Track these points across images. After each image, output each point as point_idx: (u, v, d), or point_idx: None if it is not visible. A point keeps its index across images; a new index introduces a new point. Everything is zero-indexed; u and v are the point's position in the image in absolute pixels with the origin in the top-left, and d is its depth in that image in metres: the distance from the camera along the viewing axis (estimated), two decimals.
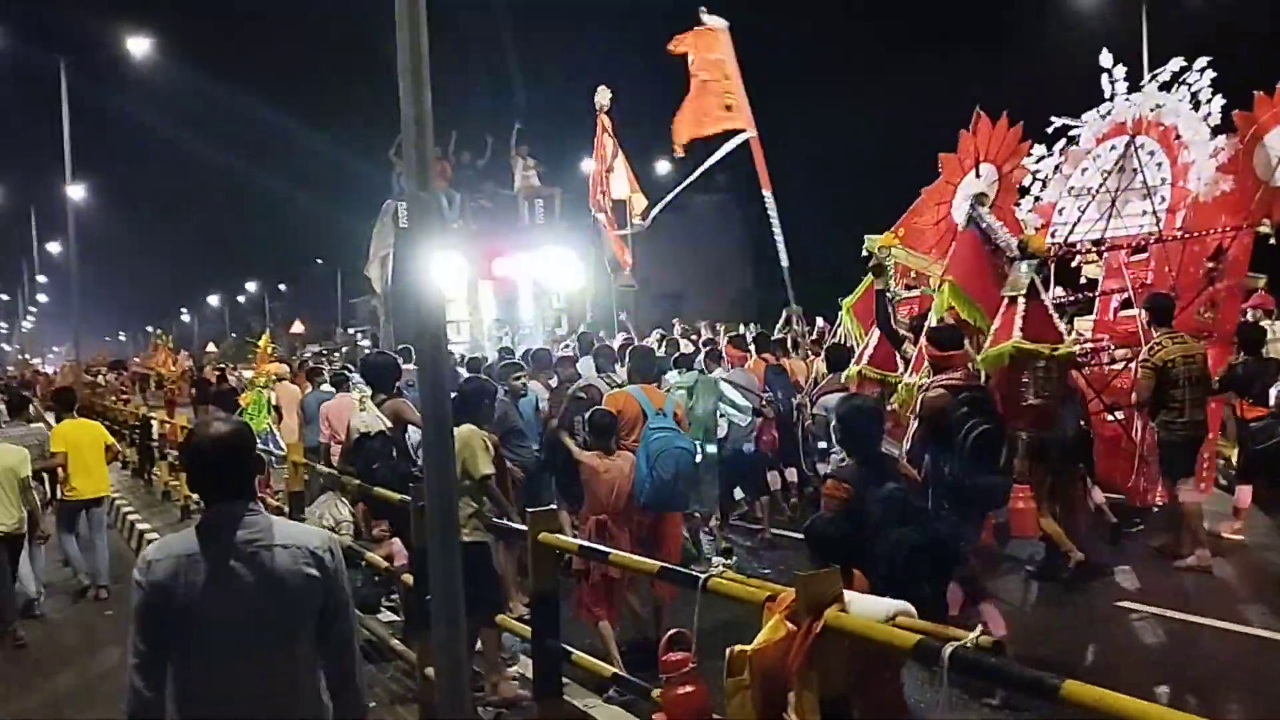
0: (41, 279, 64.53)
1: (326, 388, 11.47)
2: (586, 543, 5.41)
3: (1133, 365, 8.99)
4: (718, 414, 9.15)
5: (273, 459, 11.23)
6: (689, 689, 3.91)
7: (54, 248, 53.63)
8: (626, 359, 8.42)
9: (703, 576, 3.84)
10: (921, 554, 4.37)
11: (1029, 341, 7.04)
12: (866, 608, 3.29)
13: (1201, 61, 9.59)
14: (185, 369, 26.01)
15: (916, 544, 4.38)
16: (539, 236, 19.42)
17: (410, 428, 7.57)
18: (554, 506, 6.26)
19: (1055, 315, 7.61)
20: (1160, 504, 9.16)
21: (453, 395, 6.77)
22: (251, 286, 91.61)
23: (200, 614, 2.80)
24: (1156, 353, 8.39)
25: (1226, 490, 9.64)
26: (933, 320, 8.09)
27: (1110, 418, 9.33)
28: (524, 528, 5.13)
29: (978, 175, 8.77)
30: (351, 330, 55.26)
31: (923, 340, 7.63)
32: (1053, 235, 9.59)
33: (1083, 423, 8.46)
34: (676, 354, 11.27)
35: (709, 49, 14.58)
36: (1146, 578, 8.25)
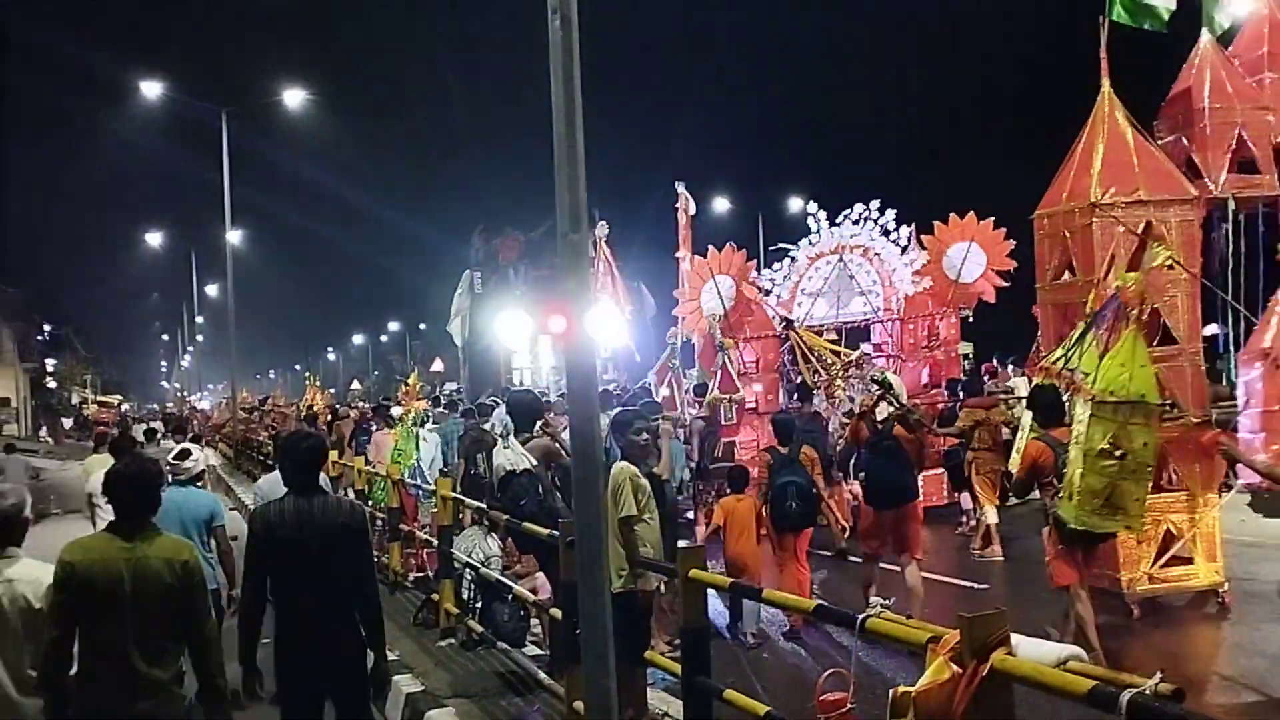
0: (199, 319, 67.46)
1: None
2: (738, 581, 5.39)
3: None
4: None
5: (420, 493, 11.47)
6: None
7: (210, 290, 55.97)
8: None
9: (860, 616, 3.80)
10: (789, 485, 8.55)
11: (720, 392, 13.71)
12: (1034, 651, 3.21)
13: (876, 203, 15.36)
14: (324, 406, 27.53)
15: (785, 482, 8.56)
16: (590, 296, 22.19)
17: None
18: (703, 544, 6.25)
19: (736, 377, 13.89)
20: None
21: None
22: (394, 326, 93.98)
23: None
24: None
25: None
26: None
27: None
28: (673, 567, 5.14)
29: (716, 284, 14.30)
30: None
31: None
32: (798, 320, 14.95)
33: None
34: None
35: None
36: None
